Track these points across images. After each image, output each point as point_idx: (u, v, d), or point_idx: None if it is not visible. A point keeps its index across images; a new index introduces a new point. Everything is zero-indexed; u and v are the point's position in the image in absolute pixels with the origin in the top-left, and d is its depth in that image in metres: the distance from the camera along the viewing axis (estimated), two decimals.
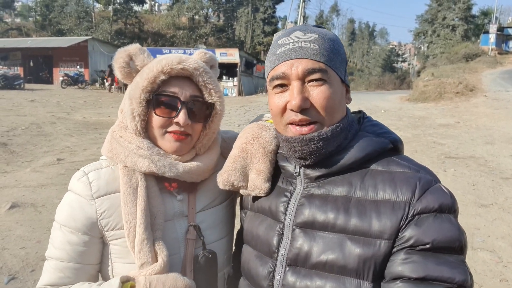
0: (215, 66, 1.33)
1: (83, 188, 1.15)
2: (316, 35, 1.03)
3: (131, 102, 1.17)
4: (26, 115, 13.81)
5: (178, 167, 1.17)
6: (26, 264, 4.00)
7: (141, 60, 1.20)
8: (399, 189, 0.96)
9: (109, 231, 1.16)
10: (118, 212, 1.15)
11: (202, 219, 1.24)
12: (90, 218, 1.14)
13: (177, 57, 1.17)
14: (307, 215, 1.02)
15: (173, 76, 1.16)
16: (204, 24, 54.58)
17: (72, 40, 35.06)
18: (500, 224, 5.31)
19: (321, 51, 1.00)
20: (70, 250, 1.15)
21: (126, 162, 1.16)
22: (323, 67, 0.99)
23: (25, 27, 54.12)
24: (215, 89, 1.22)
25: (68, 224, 1.15)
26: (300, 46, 1.01)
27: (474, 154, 9.40)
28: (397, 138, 1.09)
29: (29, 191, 6.18)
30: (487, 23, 46.35)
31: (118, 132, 1.22)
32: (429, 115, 15.74)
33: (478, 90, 20.12)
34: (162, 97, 1.15)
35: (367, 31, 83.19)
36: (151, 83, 1.15)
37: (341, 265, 0.95)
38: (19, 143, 9.67)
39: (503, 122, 13.54)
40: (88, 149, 9.52)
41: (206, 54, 1.30)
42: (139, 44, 1.27)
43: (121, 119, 1.24)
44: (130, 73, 1.21)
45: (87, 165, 1.22)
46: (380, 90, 41.43)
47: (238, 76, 30.78)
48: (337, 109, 1.03)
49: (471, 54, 34.96)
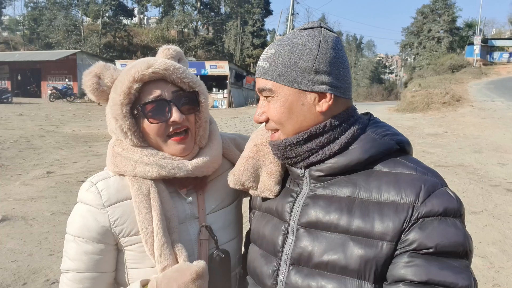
0: (182, 59, 1.31)
1: (93, 198, 1.15)
2: (273, 50, 1.05)
3: (116, 120, 1.15)
4: (14, 129, 13.68)
5: (187, 164, 1.18)
6: (18, 277, 3.94)
7: (109, 76, 1.18)
8: (403, 191, 0.95)
9: (124, 237, 1.16)
10: (131, 219, 1.15)
11: (213, 220, 1.25)
12: (104, 227, 1.14)
13: (145, 62, 1.16)
14: (311, 215, 1.03)
15: (146, 81, 1.15)
16: (193, 37, 54.84)
17: (60, 53, 34.95)
18: (490, 230, 5.38)
19: (270, 69, 1.04)
20: (87, 260, 1.14)
21: (135, 172, 1.16)
22: (269, 86, 1.05)
23: (13, 40, 53.72)
24: (192, 80, 1.22)
25: (82, 235, 1.14)
26: (259, 64, 1.08)
27: (463, 162, 9.54)
28: (404, 139, 1.08)
29: (19, 204, 6.11)
30: (472, 34, 47.32)
31: (120, 146, 1.21)
32: (418, 125, 15.95)
33: (464, 100, 20.49)
34: (148, 105, 1.14)
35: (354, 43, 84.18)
36: (128, 95, 1.13)
37: (343, 266, 0.95)
38: (8, 156, 9.56)
39: (490, 131, 13.79)
40: (78, 161, 9.44)
41: (170, 49, 1.28)
42: (126, 57, 1.29)
43: (116, 137, 1.23)
44: (104, 92, 1.19)
45: (94, 175, 1.22)
46: (369, 101, 41.92)
47: (228, 88, 30.93)
48: (290, 119, 1.05)
49: (457, 65, 35.64)
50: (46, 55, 34.82)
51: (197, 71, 31.73)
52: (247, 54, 55.99)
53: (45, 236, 4.98)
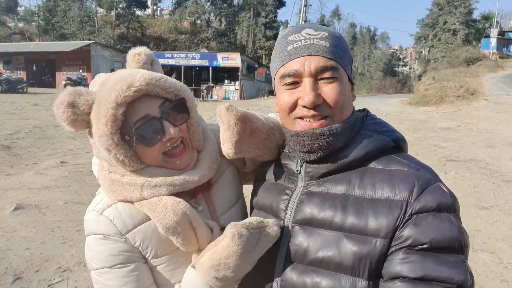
0: (154, 61, 1.23)
1: (107, 228, 1.09)
2: (326, 33, 1.04)
3: (109, 151, 1.06)
4: (29, 119, 13.88)
5: (194, 175, 1.14)
6: (31, 264, 4.04)
7: (84, 102, 1.07)
8: (397, 187, 0.95)
9: (152, 259, 1.13)
10: (154, 241, 1.11)
11: (227, 221, 1.18)
12: (128, 250, 1.10)
13: (123, 80, 1.05)
14: (306, 212, 1.03)
15: (130, 102, 1.05)
16: (206, 29, 54.80)
17: (74, 44, 35.26)
18: (500, 226, 5.33)
19: (332, 49, 1.02)
20: (128, 281, 1.10)
21: (143, 196, 1.10)
22: (334, 65, 1.01)
23: (28, 31, 54.36)
24: (176, 88, 1.13)
25: (112, 263, 1.09)
26: (312, 43, 1.02)
27: (475, 157, 9.42)
28: (399, 136, 1.08)
29: (33, 193, 6.23)
30: (488, 27, 46.50)
31: (118, 173, 1.12)
32: (430, 119, 15.78)
33: (479, 94, 20.16)
34: (140, 129, 1.06)
35: (368, 35, 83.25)
36: (114, 123, 1.03)
37: (337, 262, 0.96)
38: (23, 146, 9.73)
39: (504, 125, 13.56)
40: (91, 151, 9.55)
41: (140, 54, 1.19)
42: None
43: (112, 166, 1.13)
44: (83, 121, 1.08)
45: (93, 205, 1.14)
46: (382, 94, 41.47)
47: (240, 80, 30.90)
48: (346, 105, 1.04)
49: (472, 58, 35.05)
50: (61, 46, 35.17)
51: (209, 63, 31.80)
52: (259, 46, 55.73)
53: (58, 224, 5.09)
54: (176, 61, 32.40)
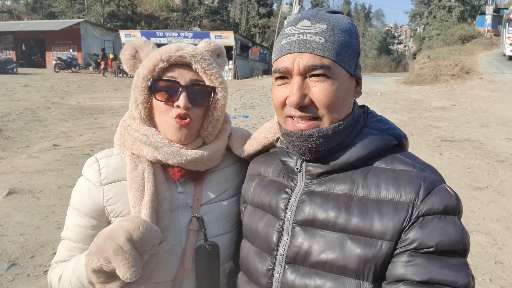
0: (222, 55, 1.35)
1: (93, 175, 1.20)
2: (324, 26, 0.97)
3: (134, 92, 1.21)
4: (20, 100, 13.69)
5: (182, 154, 1.18)
6: (26, 250, 4.02)
7: (145, 52, 1.24)
8: (403, 189, 0.94)
9: (114, 217, 1.19)
10: (123, 200, 1.18)
11: (207, 211, 1.25)
12: (98, 204, 1.19)
13: (177, 45, 1.21)
14: (307, 212, 1.00)
15: (173, 64, 1.18)
16: (198, 6, 53.81)
17: (64, 23, 34.43)
18: (495, 207, 5.38)
19: (327, 45, 0.95)
20: (80, 232, 1.21)
21: (132, 149, 1.20)
22: (326, 63, 0.94)
23: (16, 10, 53.06)
24: (215, 75, 1.22)
25: (78, 208, 1.21)
26: (304, 39, 0.96)
27: (470, 137, 9.46)
28: (401, 134, 1.06)
29: (26, 177, 6.18)
30: (484, 4, 46.05)
31: (127, 121, 1.26)
32: (425, 98, 15.76)
33: (474, 73, 20.11)
34: (161, 82, 1.18)
35: (363, 13, 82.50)
36: (151, 71, 1.18)
37: (341, 265, 0.93)
38: (14, 128, 9.62)
39: (499, 104, 13.59)
40: (84, 134, 9.48)
41: (210, 43, 1.32)
42: (130, 27, 1.27)
43: (130, 109, 1.28)
44: (135, 65, 1.26)
45: (100, 152, 1.28)
46: (376, 73, 41.34)
47: (233, 59, 30.51)
48: (340, 106, 0.98)
49: (467, 36, 34.81)
50: (50, 25, 34.36)
51: None
52: (252, 24, 54.99)
53: (52, 209, 5.06)
54: (168, 40, 31.81)
